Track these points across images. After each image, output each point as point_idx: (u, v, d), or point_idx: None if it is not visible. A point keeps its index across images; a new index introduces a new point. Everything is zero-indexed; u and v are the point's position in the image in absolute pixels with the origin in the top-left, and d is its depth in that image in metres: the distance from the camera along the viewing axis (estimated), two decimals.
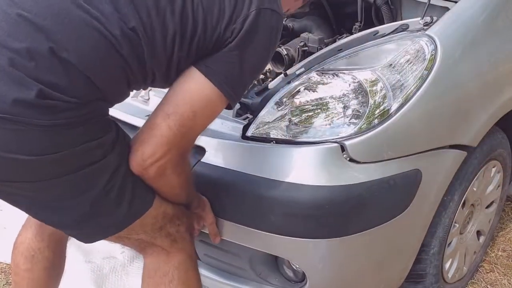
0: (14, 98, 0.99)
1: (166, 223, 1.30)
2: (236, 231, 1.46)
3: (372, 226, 1.43)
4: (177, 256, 1.35)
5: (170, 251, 1.34)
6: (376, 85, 1.44)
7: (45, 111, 1.01)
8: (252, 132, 1.48)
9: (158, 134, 1.16)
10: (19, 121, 1.00)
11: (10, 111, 0.99)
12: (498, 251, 2.26)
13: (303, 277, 1.54)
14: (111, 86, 1.12)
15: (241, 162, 1.43)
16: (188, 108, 1.17)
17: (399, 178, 1.42)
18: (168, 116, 1.16)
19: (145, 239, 1.30)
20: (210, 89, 1.17)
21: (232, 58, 1.17)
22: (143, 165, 1.18)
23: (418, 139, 1.47)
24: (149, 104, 1.76)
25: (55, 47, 1.02)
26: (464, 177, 1.68)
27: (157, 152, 1.17)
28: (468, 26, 1.59)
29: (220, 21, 1.14)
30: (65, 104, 1.03)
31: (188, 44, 1.14)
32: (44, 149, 1.04)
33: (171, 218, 1.31)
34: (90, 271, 2.10)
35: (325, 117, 1.43)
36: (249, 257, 1.55)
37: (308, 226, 1.38)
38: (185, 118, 1.17)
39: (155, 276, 1.36)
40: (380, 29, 1.68)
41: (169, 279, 1.35)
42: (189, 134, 1.21)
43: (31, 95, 0.99)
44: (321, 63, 1.57)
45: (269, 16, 1.18)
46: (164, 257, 1.34)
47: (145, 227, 1.26)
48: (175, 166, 1.22)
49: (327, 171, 1.36)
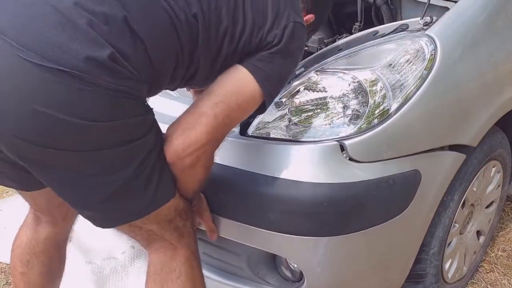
0: (86, 56, 1.01)
1: (176, 216, 1.31)
2: (234, 228, 1.46)
3: (371, 225, 1.43)
4: (183, 252, 1.35)
5: (177, 246, 1.34)
6: (376, 85, 1.44)
7: (112, 74, 1.04)
8: (252, 132, 1.48)
9: (204, 122, 1.20)
10: (86, 79, 1.01)
11: (81, 67, 1.00)
12: (498, 251, 2.26)
13: (300, 277, 1.54)
14: (161, 69, 1.15)
15: (240, 159, 1.43)
16: (235, 99, 1.23)
17: (398, 178, 1.42)
18: (216, 105, 1.21)
19: (155, 230, 1.30)
20: (254, 85, 1.24)
21: (274, 60, 1.25)
22: (181, 154, 1.20)
23: (418, 139, 1.47)
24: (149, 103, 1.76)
25: (129, 17, 1.06)
26: (464, 177, 1.68)
27: (200, 141, 1.20)
28: (468, 26, 1.59)
29: (265, 24, 1.22)
30: (129, 73, 1.06)
31: (237, 41, 1.21)
32: (100, 114, 1.05)
33: (181, 212, 1.33)
34: (91, 272, 2.10)
35: (325, 117, 1.43)
36: (247, 256, 1.55)
37: (307, 224, 1.38)
38: (231, 109, 1.22)
39: (161, 272, 1.35)
40: (380, 29, 1.68)
41: (176, 275, 1.35)
42: (229, 126, 1.27)
43: (104, 55, 1.02)
44: (321, 63, 1.57)
45: (302, 29, 1.28)
46: (171, 253, 1.35)
47: (159, 217, 1.27)
48: (207, 159, 1.27)
49: (327, 168, 1.36)
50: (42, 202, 1.41)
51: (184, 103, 1.64)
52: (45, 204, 1.45)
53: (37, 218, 1.52)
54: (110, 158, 1.12)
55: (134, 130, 1.13)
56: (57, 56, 1.00)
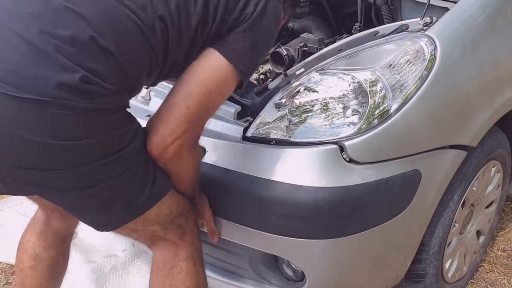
0: (58, 82, 1.03)
1: (178, 215, 1.34)
2: (236, 231, 1.47)
3: (370, 227, 1.43)
4: (185, 249, 1.39)
5: (179, 244, 1.38)
6: (376, 86, 1.44)
7: (85, 96, 1.06)
8: (252, 133, 1.48)
9: (177, 114, 1.22)
10: (60, 104, 1.04)
11: (53, 94, 1.03)
12: (498, 251, 2.26)
13: (302, 277, 1.54)
14: (136, 75, 1.17)
15: (241, 163, 1.43)
16: (204, 87, 1.24)
17: (398, 178, 1.42)
18: (186, 96, 1.23)
19: (158, 231, 1.33)
20: (225, 66, 1.24)
21: (245, 38, 1.25)
22: (163, 145, 1.23)
23: (418, 139, 1.47)
24: (150, 104, 1.76)
25: (96, 35, 1.07)
26: (464, 177, 1.69)
27: (177, 131, 1.23)
28: (468, 26, 1.59)
29: (236, 6, 1.23)
30: (103, 90, 1.08)
31: (210, 29, 1.22)
32: (78, 134, 1.09)
33: (182, 209, 1.35)
34: (91, 271, 2.10)
35: (325, 118, 1.43)
36: (249, 256, 1.55)
37: (308, 226, 1.39)
38: (202, 97, 1.23)
39: (163, 268, 1.39)
40: (380, 30, 1.68)
41: (177, 271, 1.39)
42: (205, 113, 1.28)
43: (75, 78, 1.04)
44: (321, 63, 1.57)
45: (275, 5, 1.29)
46: (173, 250, 1.38)
47: (160, 217, 1.30)
48: (191, 147, 1.29)
49: (327, 173, 1.37)
50: (48, 202, 1.42)
51: None
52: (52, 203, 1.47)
53: (46, 214, 1.55)
54: (100, 170, 1.15)
55: (117, 141, 1.15)
56: (31, 86, 1.03)
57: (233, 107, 1.59)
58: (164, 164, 1.27)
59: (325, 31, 2.00)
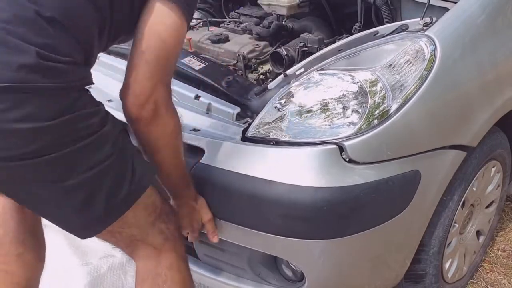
0: (18, 65, 1.03)
1: (156, 218, 1.33)
2: (236, 231, 1.47)
3: (370, 227, 1.43)
4: (169, 257, 1.38)
5: (162, 250, 1.37)
6: (376, 86, 1.44)
7: (47, 74, 1.06)
8: (251, 133, 1.48)
9: (140, 72, 1.22)
10: (25, 87, 1.04)
11: (17, 77, 1.03)
12: (498, 251, 2.26)
13: (302, 277, 1.54)
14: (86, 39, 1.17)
15: (240, 164, 1.43)
16: (157, 38, 1.23)
17: (398, 178, 1.42)
18: (142, 53, 1.22)
19: (137, 235, 1.33)
20: (168, 9, 1.23)
21: None
22: (137, 102, 1.23)
23: (418, 139, 1.47)
24: None
25: (39, 9, 1.08)
26: (464, 177, 1.69)
27: (146, 87, 1.23)
28: (468, 26, 1.59)
29: None
30: (62, 66, 1.08)
31: None
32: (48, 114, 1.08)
33: (160, 212, 1.34)
34: (87, 274, 2.10)
35: (325, 118, 1.43)
36: (248, 257, 1.55)
37: (307, 227, 1.39)
38: (158, 49, 1.23)
39: (148, 278, 1.39)
40: (380, 30, 1.68)
41: (162, 280, 1.38)
42: (166, 62, 1.27)
43: (32, 58, 1.04)
44: (321, 63, 1.57)
45: None
46: (155, 259, 1.37)
47: (138, 218, 1.29)
48: (167, 103, 1.28)
49: (326, 173, 1.36)
50: None
51: (183, 108, 1.65)
52: None
53: None
54: (77, 155, 1.13)
55: (87, 121, 1.14)
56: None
57: (233, 108, 1.59)
58: (146, 128, 1.26)
59: (325, 31, 2.00)
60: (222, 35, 2.06)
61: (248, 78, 1.86)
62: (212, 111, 1.63)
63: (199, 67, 1.76)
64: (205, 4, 2.55)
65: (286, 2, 2.05)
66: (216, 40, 2.04)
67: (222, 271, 1.65)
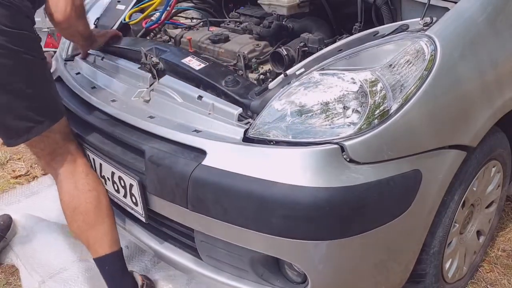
0: None
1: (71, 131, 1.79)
2: (237, 233, 1.46)
3: (372, 228, 1.43)
4: (83, 161, 1.80)
5: (77, 156, 1.78)
6: (376, 86, 1.44)
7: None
8: (252, 133, 1.48)
9: None
10: None
11: None
12: (498, 251, 2.26)
13: (304, 279, 1.54)
14: None
15: (241, 165, 1.43)
16: None
17: (399, 178, 1.42)
18: None
19: (59, 140, 1.72)
20: None
21: None
22: (66, 13, 1.67)
23: (418, 139, 1.47)
24: (150, 104, 1.76)
25: None
26: (464, 177, 1.69)
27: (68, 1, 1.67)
28: (468, 26, 1.59)
29: None
30: None
31: None
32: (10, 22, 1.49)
33: None
34: (85, 270, 2.11)
35: (325, 118, 1.43)
36: (251, 258, 1.55)
37: (309, 228, 1.38)
38: None
39: (72, 176, 1.77)
40: (380, 30, 1.68)
41: (85, 173, 1.78)
42: None
43: None
44: (321, 63, 1.57)
45: None
46: (73, 162, 1.77)
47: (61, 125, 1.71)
48: (80, 8, 1.73)
49: (327, 173, 1.36)
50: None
51: (187, 108, 1.65)
52: None
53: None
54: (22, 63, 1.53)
55: (34, 44, 1.58)
56: None
57: (235, 109, 1.59)
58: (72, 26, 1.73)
59: (325, 31, 1.99)
60: (222, 35, 2.06)
61: (248, 78, 1.86)
62: (215, 111, 1.63)
63: (199, 67, 1.76)
64: (205, 4, 2.55)
65: (286, 2, 2.05)
66: (216, 40, 2.04)
67: (224, 272, 1.65)
